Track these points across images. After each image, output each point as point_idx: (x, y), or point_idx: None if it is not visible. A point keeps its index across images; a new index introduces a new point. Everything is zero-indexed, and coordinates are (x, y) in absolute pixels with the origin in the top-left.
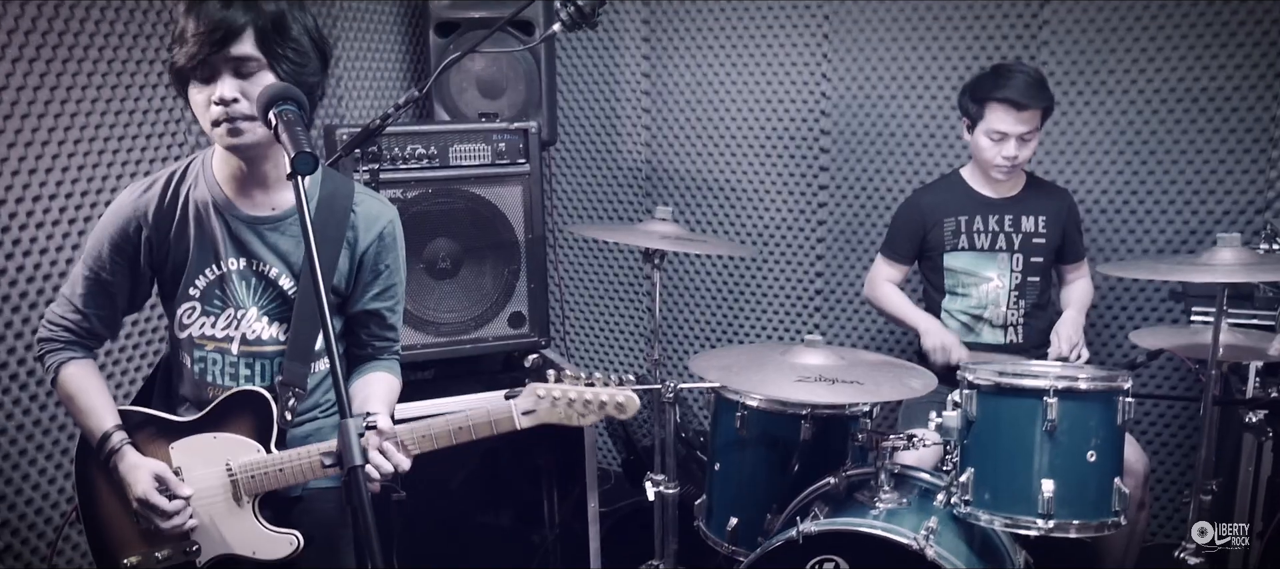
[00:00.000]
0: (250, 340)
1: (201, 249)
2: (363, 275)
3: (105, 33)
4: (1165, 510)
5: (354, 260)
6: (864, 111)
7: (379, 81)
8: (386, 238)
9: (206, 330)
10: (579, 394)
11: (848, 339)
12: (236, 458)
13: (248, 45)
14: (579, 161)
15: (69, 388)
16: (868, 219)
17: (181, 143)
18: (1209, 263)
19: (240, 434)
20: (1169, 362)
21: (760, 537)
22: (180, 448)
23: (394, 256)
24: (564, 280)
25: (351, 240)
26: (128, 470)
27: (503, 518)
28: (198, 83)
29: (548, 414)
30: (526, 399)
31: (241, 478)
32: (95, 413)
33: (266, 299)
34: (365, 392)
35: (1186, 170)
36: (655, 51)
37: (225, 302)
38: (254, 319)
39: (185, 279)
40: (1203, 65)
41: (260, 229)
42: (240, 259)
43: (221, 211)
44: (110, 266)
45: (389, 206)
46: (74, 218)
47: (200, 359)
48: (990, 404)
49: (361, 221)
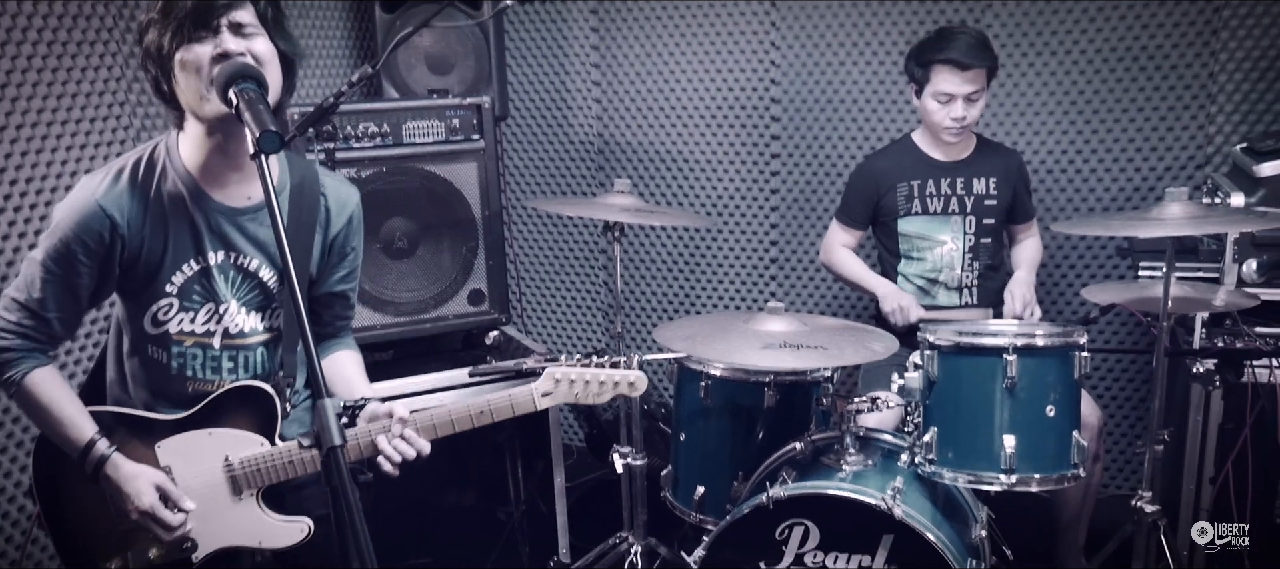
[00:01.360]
0: (233, 334)
1: (179, 244)
2: (331, 258)
3: (44, 14)
4: (1116, 462)
5: (325, 246)
6: (813, 79)
7: (325, 59)
8: (355, 221)
9: (185, 326)
10: (594, 376)
11: (805, 306)
12: (236, 452)
13: (246, 14)
14: (531, 136)
15: (37, 398)
16: (821, 186)
17: (127, 126)
18: (1159, 217)
19: (239, 429)
20: (1116, 317)
21: (728, 504)
22: (168, 447)
23: (359, 239)
24: (520, 257)
25: (324, 223)
26: (125, 480)
27: (468, 497)
28: (193, 43)
29: (565, 395)
30: (545, 382)
31: (244, 472)
32: (71, 422)
33: (246, 290)
34: (343, 374)
35: (1129, 129)
36: (604, 23)
37: (206, 295)
38: (236, 312)
39: (161, 276)
40: (1142, 24)
41: (239, 220)
42: (220, 252)
43: (197, 203)
44: (76, 267)
45: (353, 189)
46: (20, 205)
47: (179, 355)
48: (951, 364)
49: (333, 206)
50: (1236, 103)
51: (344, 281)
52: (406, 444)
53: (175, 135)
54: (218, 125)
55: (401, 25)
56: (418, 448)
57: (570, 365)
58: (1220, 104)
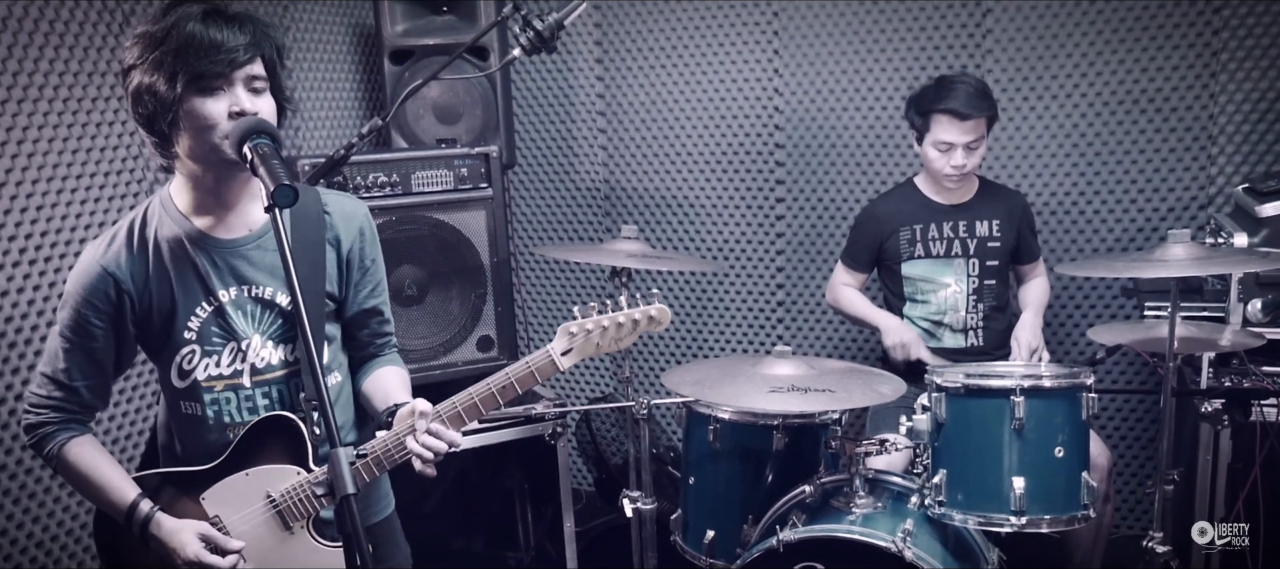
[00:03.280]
0: (260, 369)
1: (186, 288)
2: (352, 274)
3: (61, 71)
4: (1127, 502)
5: (341, 259)
6: (816, 123)
7: (335, 110)
8: (366, 233)
9: (212, 371)
10: (612, 320)
11: (812, 349)
12: (276, 486)
13: (258, 67)
14: (538, 184)
15: (78, 469)
16: (825, 229)
17: (140, 180)
18: (1162, 258)
19: (273, 463)
20: (1124, 357)
21: (738, 548)
22: (212, 497)
23: (377, 250)
24: (528, 303)
25: (334, 240)
26: (169, 536)
27: (476, 542)
28: (206, 97)
29: (586, 347)
30: (561, 340)
31: (287, 504)
32: (113, 487)
33: (268, 322)
34: (382, 386)
35: (1131, 170)
36: (609, 72)
37: (226, 335)
38: (259, 346)
39: (177, 324)
40: (1141, 68)
41: (243, 250)
42: (231, 288)
43: (199, 245)
44: (92, 332)
45: (359, 202)
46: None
47: (213, 402)
48: (959, 405)
49: (338, 220)
50: (1237, 144)
51: (372, 296)
52: (434, 438)
53: (167, 188)
54: (214, 166)
55: (410, 77)
56: (448, 439)
57: (584, 318)
58: (1221, 145)
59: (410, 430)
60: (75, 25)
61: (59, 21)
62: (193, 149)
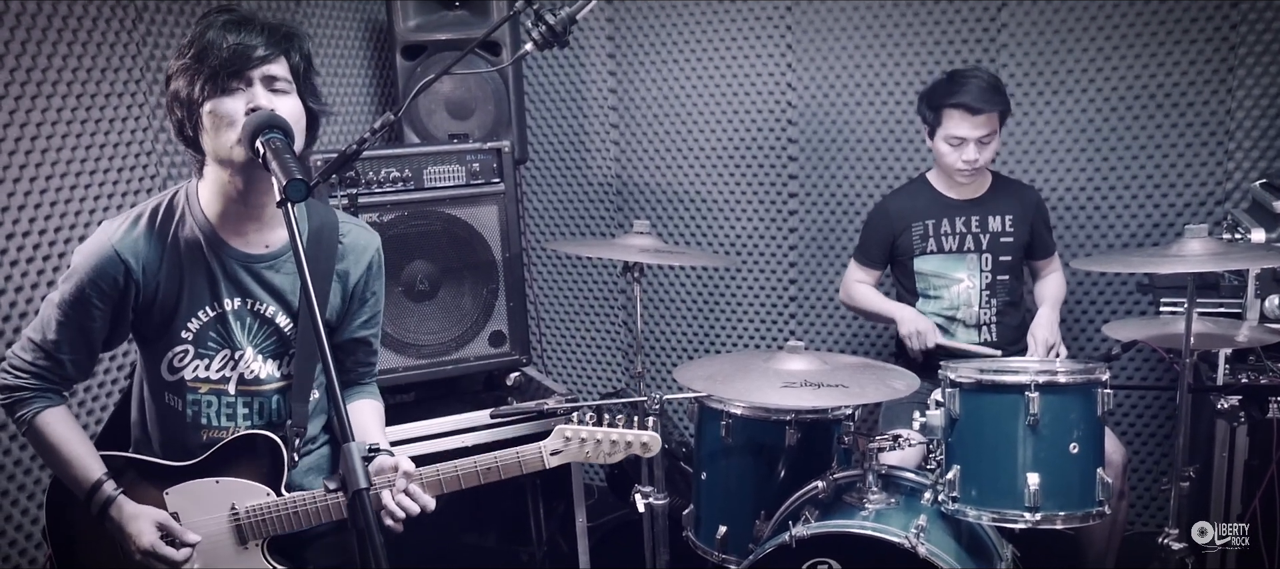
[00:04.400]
0: (248, 380)
1: (194, 290)
2: (352, 306)
3: (73, 67)
4: (1142, 499)
5: (346, 293)
6: (830, 119)
7: (348, 106)
8: (374, 267)
9: (201, 373)
10: (605, 436)
11: (825, 344)
12: (242, 501)
13: (280, 67)
14: (550, 179)
15: (47, 438)
16: (838, 224)
17: (153, 176)
18: (1179, 254)
19: (246, 478)
20: (1139, 353)
21: (750, 544)
22: (177, 493)
23: (380, 283)
24: (540, 298)
25: (343, 274)
26: (127, 521)
27: (489, 537)
28: (225, 96)
29: (575, 454)
30: (554, 440)
31: (249, 522)
32: (79, 463)
33: (262, 338)
34: (359, 421)
35: (1147, 165)
36: (621, 67)
37: (222, 342)
38: (251, 359)
39: (177, 321)
40: (1158, 62)
41: (256, 268)
42: (236, 299)
43: (215, 250)
44: (91, 311)
45: (373, 234)
46: (49, 254)
47: (194, 402)
48: (973, 401)
49: (351, 252)
50: (1254, 139)
51: (365, 327)
52: (410, 500)
53: (195, 183)
54: (240, 171)
55: (422, 72)
56: (422, 503)
57: (581, 423)
58: (1238, 141)
59: (388, 484)
60: (88, 21)
61: (72, 17)
62: (215, 150)
